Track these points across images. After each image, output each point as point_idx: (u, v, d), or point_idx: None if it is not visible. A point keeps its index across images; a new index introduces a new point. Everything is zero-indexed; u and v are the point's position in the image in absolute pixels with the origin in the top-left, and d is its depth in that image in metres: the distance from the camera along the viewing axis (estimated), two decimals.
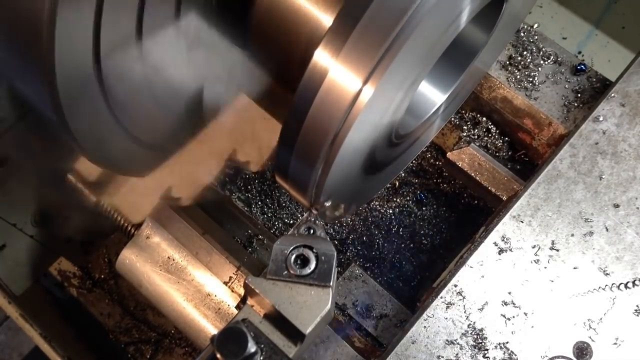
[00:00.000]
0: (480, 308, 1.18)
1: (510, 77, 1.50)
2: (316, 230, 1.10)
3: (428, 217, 1.73)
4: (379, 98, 0.87)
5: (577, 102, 1.46)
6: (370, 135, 0.98)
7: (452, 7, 0.91)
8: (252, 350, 0.96)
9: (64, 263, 1.77)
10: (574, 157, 1.28)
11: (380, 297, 1.54)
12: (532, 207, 1.24)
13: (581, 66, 1.48)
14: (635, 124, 1.30)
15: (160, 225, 1.24)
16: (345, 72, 0.83)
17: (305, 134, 0.89)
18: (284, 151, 0.95)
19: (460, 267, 1.21)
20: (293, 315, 1.02)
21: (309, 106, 0.86)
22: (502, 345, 1.14)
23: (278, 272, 1.05)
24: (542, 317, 1.16)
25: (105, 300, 1.76)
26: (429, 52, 0.95)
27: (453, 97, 1.32)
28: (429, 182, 1.74)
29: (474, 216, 1.68)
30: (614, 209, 1.23)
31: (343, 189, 1.07)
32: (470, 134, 1.61)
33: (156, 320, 1.74)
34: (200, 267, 1.21)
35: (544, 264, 1.20)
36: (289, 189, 1.05)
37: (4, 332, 1.69)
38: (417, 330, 1.17)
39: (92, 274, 1.78)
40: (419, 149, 1.41)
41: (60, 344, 1.40)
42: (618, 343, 1.13)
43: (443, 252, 1.69)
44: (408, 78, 0.94)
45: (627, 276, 1.18)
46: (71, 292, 1.77)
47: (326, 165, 0.92)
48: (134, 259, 1.23)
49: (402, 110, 1.05)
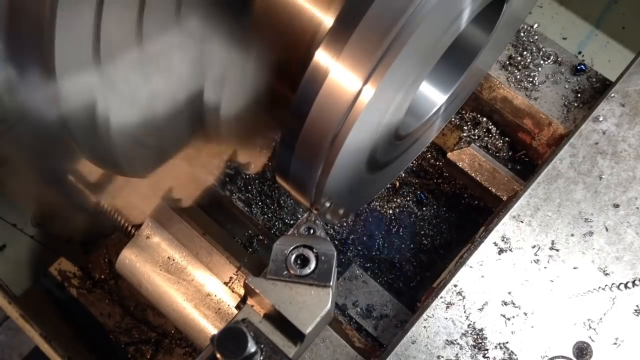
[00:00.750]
0: (480, 308, 1.18)
1: (510, 77, 1.50)
2: (316, 230, 1.10)
3: (428, 217, 1.73)
4: (380, 98, 0.87)
5: (577, 102, 1.46)
6: (371, 135, 0.98)
7: (453, 8, 0.91)
8: (252, 350, 0.96)
9: (64, 263, 1.78)
10: (574, 157, 1.28)
11: (380, 298, 1.54)
12: (532, 207, 1.24)
13: (581, 66, 1.48)
14: (635, 124, 1.31)
15: (160, 225, 1.24)
16: (346, 73, 0.83)
17: (306, 134, 0.89)
18: (285, 151, 0.95)
19: (460, 267, 1.21)
20: (293, 315, 1.02)
21: (310, 106, 0.86)
22: (502, 345, 1.14)
23: (278, 272, 1.05)
24: (542, 317, 1.16)
25: (105, 301, 1.76)
26: (430, 53, 0.95)
27: (453, 98, 1.32)
28: (429, 183, 1.74)
29: (474, 216, 1.68)
30: (614, 209, 1.23)
31: (344, 190, 1.07)
32: (470, 134, 1.61)
33: (156, 321, 1.74)
34: (200, 267, 1.21)
35: (544, 264, 1.20)
36: (290, 190, 1.05)
37: (4, 332, 1.70)
38: (417, 330, 1.16)
39: (92, 274, 1.78)
40: (420, 149, 1.41)
41: (61, 344, 1.41)
42: (618, 343, 1.13)
43: (443, 252, 1.69)
44: (409, 78, 0.94)
45: (627, 276, 1.18)
46: (71, 293, 1.77)
47: (327, 166, 0.92)
48: (134, 259, 1.23)
49: (402, 111, 1.05)
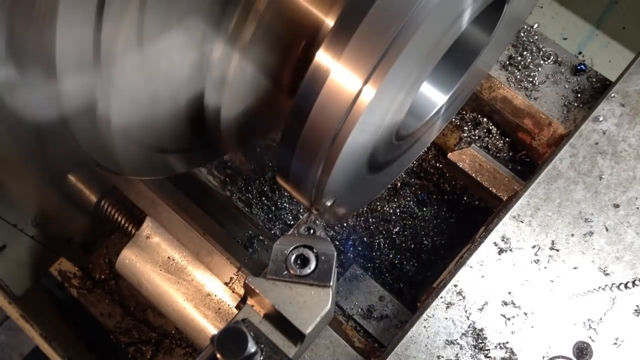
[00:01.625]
0: (480, 308, 1.17)
1: (510, 77, 1.49)
2: (316, 231, 1.10)
3: (429, 217, 1.73)
4: (381, 99, 0.87)
5: (577, 102, 1.46)
6: (372, 136, 0.98)
7: (454, 8, 0.91)
8: (252, 350, 0.96)
9: (65, 263, 1.77)
10: (574, 157, 1.28)
11: (380, 298, 1.54)
12: (532, 207, 1.24)
13: (581, 66, 1.48)
14: (635, 124, 1.30)
15: (160, 225, 1.24)
16: (347, 74, 0.83)
17: (307, 134, 0.89)
18: (286, 152, 0.95)
19: (460, 267, 1.21)
20: (293, 315, 1.02)
21: (311, 107, 0.86)
22: (502, 345, 1.14)
23: (278, 272, 1.05)
24: (542, 317, 1.16)
25: (105, 301, 1.76)
26: (431, 53, 0.95)
27: (454, 98, 1.32)
28: (430, 183, 1.74)
29: (474, 217, 1.68)
30: (614, 209, 1.23)
31: (345, 191, 1.07)
32: (471, 134, 1.61)
33: (156, 321, 1.74)
34: (200, 267, 1.21)
35: (544, 264, 1.20)
36: (291, 190, 1.05)
37: (4, 332, 1.70)
38: (417, 330, 1.16)
39: (93, 274, 1.78)
40: (420, 149, 1.40)
41: (61, 344, 1.41)
42: (618, 343, 1.13)
43: (443, 252, 1.69)
44: (410, 79, 0.94)
45: (627, 276, 1.18)
46: (72, 293, 1.77)
47: (328, 167, 0.92)
48: (134, 259, 1.23)
49: (403, 111, 1.05)
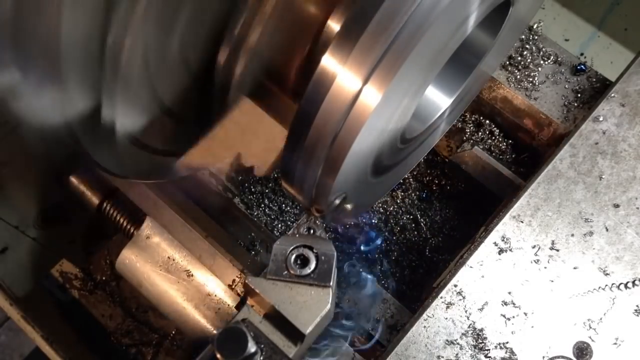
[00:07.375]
0: (480, 308, 1.17)
1: (510, 77, 1.50)
2: (316, 231, 1.11)
3: (430, 218, 1.73)
4: (387, 103, 0.87)
5: (577, 102, 1.46)
6: (377, 140, 0.98)
7: (460, 12, 0.90)
8: (252, 350, 0.97)
9: (66, 265, 1.77)
10: (574, 157, 1.28)
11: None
12: (532, 207, 1.24)
13: (581, 66, 1.48)
14: (635, 124, 1.30)
15: (160, 225, 1.24)
16: (353, 79, 0.83)
17: (312, 139, 0.89)
18: (290, 156, 0.94)
19: (460, 267, 1.21)
20: (293, 315, 1.02)
21: (317, 112, 0.86)
22: (502, 345, 1.14)
23: (278, 272, 1.05)
24: (542, 317, 1.16)
25: (106, 302, 1.76)
26: (437, 58, 0.95)
27: (458, 101, 1.32)
28: (431, 184, 1.75)
29: (476, 217, 1.68)
30: (614, 209, 1.23)
31: (349, 194, 1.07)
32: (474, 137, 1.61)
33: (158, 322, 1.74)
34: (200, 268, 1.21)
35: (544, 264, 1.20)
36: (294, 194, 1.04)
37: (4, 333, 1.70)
38: (417, 330, 1.16)
39: (94, 275, 1.78)
40: (424, 152, 1.40)
41: (62, 345, 1.40)
42: (618, 343, 1.13)
43: (444, 252, 1.69)
44: (415, 84, 0.94)
45: (627, 276, 1.18)
46: (73, 294, 1.77)
47: (333, 171, 0.91)
48: (133, 259, 1.23)
49: (408, 115, 1.05)
